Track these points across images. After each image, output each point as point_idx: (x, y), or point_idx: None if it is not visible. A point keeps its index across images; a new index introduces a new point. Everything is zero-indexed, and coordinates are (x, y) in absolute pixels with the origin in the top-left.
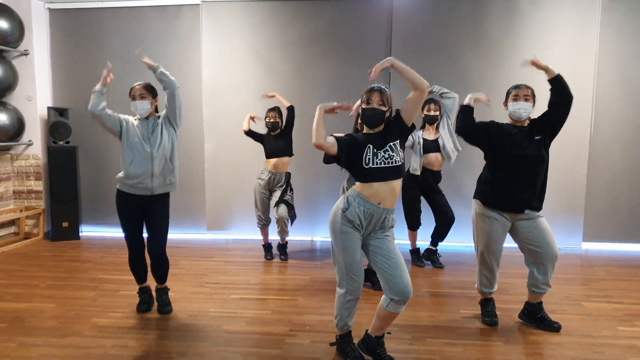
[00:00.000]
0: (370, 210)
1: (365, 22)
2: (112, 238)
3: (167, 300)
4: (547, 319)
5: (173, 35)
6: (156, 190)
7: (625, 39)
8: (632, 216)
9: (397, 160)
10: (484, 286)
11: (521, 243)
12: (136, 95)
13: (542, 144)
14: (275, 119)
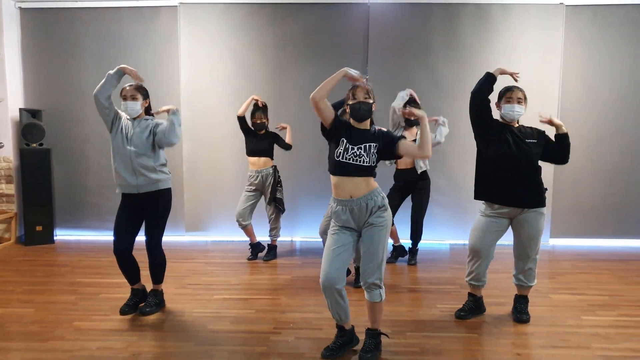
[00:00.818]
0: (347, 206)
1: (342, 27)
2: (88, 242)
3: (151, 302)
4: (519, 309)
5: (150, 36)
6: (142, 189)
7: (587, 46)
8: (595, 213)
9: (365, 162)
10: (473, 280)
11: (515, 235)
12: (127, 95)
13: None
14: (262, 120)
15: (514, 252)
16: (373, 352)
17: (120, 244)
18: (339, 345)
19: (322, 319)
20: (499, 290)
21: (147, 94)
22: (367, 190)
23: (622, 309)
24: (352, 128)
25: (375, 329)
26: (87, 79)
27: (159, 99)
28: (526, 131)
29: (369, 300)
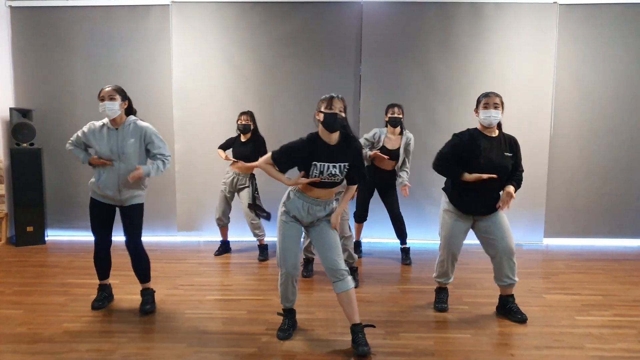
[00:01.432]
0: (309, 203)
1: (335, 26)
2: (81, 242)
3: (149, 299)
4: (514, 310)
5: (142, 35)
6: (126, 202)
7: (581, 45)
8: (590, 213)
9: (339, 179)
10: (440, 277)
11: (480, 237)
12: (105, 96)
13: (509, 159)
14: (247, 122)
15: (494, 255)
16: (368, 344)
17: (102, 243)
18: (290, 325)
19: (314, 320)
20: (492, 290)
21: (125, 96)
22: (330, 196)
23: (616, 309)
24: (324, 145)
25: (359, 322)
26: (78, 78)
27: (150, 99)
28: (506, 141)
29: (344, 289)
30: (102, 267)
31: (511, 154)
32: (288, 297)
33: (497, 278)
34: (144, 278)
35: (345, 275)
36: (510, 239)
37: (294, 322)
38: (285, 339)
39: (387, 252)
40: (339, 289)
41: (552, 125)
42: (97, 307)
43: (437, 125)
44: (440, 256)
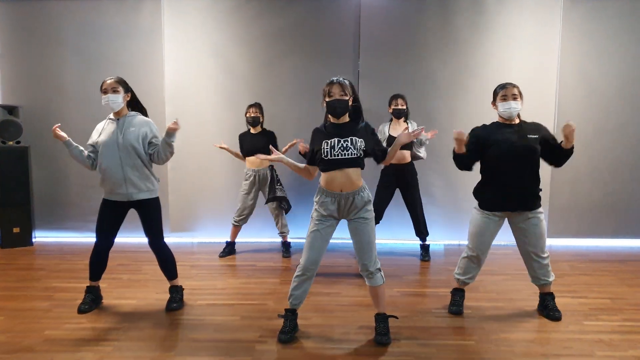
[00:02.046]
0: (336, 198)
1: (332, 21)
2: (70, 243)
3: (177, 298)
4: (549, 307)
5: (133, 30)
6: (134, 196)
7: (586, 39)
8: (594, 212)
9: (353, 154)
10: (462, 274)
11: (514, 234)
12: (108, 89)
13: (535, 141)
14: (256, 114)
15: (525, 253)
16: (387, 334)
17: (103, 241)
18: (292, 327)
19: (311, 326)
20: (496, 293)
21: (128, 87)
22: (356, 186)
23: (626, 313)
24: (333, 125)
25: (384, 312)
26: (67, 74)
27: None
28: (527, 126)
29: (372, 285)
30: (98, 267)
31: (536, 135)
32: (298, 294)
33: (531, 277)
34: (170, 275)
35: (375, 274)
36: (539, 243)
37: (295, 324)
38: (287, 341)
39: (394, 253)
40: (370, 283)
41: (555, 122)
42: (84, 310)
43: (437, 123)
44: (465, 253)
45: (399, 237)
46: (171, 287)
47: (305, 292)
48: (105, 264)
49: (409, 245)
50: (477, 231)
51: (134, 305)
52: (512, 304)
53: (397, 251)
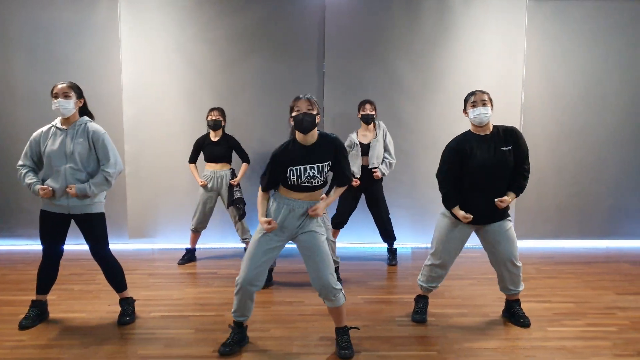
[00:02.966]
0: (289, 206)
1: (296, 21)
2: (21, 252)
3: (129, 310)
4: (517, 314)
5: (87, 28)
6: (73, 210)
7: (551, 41)
8: (559, 214)
9: (320, 182)
10: (426, 281)
11: (483, 244)
12: (59, 93)
13: (509, 154)
14: (218, 117)
15: (496, 265)
16: (350, 348)
17: (51, 253)
18: (236, 341)
19: (268, 338)
20: (461, 299)
21: (81, 93)
22: (315, 199)
23: (589, 317)
24: (300, 147)
25: (345, 326)
26: (17, 73)
27: (98, 96)
28: (501, 135)
29: (334, 306)
30: (46, 280)
31: (509, 147)
32: (241, 310)
33: (500, 286)
34: (119, 287)
35: (336, 294)
36: (511, 248)
37: (242, 337)
38: (226, 354)
39: (360, 257)
40: (332, 305)
41: (521, 124)
42: (26, 326)
43: (404, 124)
44: (429, 260)
45: (365, 241)
46: (121, 300)
47: (248, 308)
48: (55, 276)
49: (377, 249)
50: (443, 238)
51: (83, 319)
52: (477, 310)
53: (363, 255)
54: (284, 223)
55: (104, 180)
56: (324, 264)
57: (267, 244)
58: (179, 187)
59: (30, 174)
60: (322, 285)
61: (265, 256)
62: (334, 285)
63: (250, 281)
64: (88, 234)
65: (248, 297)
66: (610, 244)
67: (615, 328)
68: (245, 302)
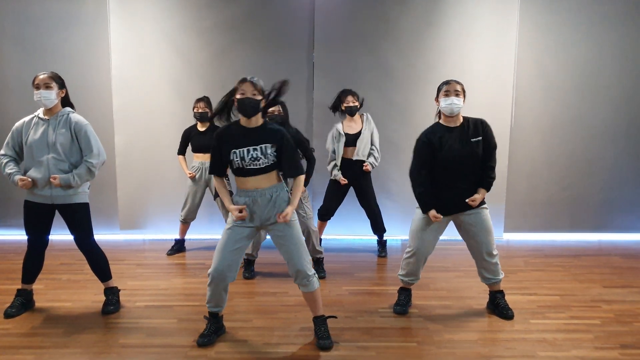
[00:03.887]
0: (252, 196)
1: (286, 11)
2: (12, 241)
3: (113, 300)
4: (501, 306)
5: (76, 18)
6: (56, 200)
7: (543, 32)
8: (550, 206)
9: (264, 163)
10: (406, 275)
11: (460, 233)
12: (40, 84)
13: (478, 145)
14: (204, 109)
15: (473, 254)
16: (329, 337)
17: (37, 243)
18: (212, 331)
19: (250, 328)
20: (446, 291)
21: (63, 84)
22: (273, 183)
23: (573, 310)
24: (243, 129)
25: (322, 315)
26: (6, 63)
27: (87, 86)
28: (470, 128)
29: (309, 291)
30: (31, 269)
31: (479, 138)
32: (215, 301)
33: (480, 276)
34: (103, 277)
35: (311, 279)
36: (487, 238)
37: (218, 327)
38: (204, 345)
39: (350, 249)
40: (306, 290)
41: (512, 115)
42: (11, 314)
43: (394, 115)
44: (406, 253)
45: (356, 233)
46: (106, 289)
47: (222, 299)
48: (41, 265)
49: (367, 241)
50: (418, 229)
51: (68, 308)
52: (461, 302)
53: (354, 247)
54: (251, 213)
55: (87, 171)
56: (297, 251)
57: (238, 234)
58: (169, 177)
59: (11, 164)
60: (297, 270)
61: (236, 245)
62: (308, 271)
63: (222, 272)
64: (72, 224)
65: (222, 288)
66: (602, 237)
67: (598, 321)
68: (220, 293)
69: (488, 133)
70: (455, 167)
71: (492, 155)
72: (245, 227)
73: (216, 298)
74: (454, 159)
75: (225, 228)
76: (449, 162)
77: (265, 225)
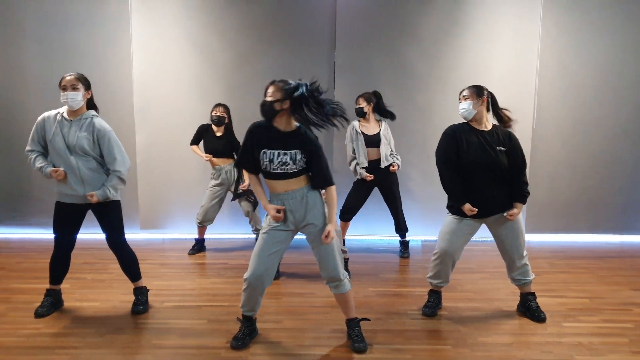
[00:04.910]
0: (284, 200)
1: (308, 11)
2: (33, 240)
3: (142, 300)
4: (533, 308)
5: (98, 17)
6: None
7: (565, 33)
8: (571, 207)
9: (292, 169)
10: (434, 278)
11: (492, 235)
12: (67, 86)
13: (502, 154)
14: (222, 114)
15: (503, 255)
16: (363, 340)
17: (64, 243)
18: (246, 334)
19: (281, 330)
20: (473, 292)
21: (89, 85)
22: (302, 185)
23: (605, 313)
24: (277, 131)
25: (355, 317)
26: (29, 62)
27: (108, 86)
28: (495, 137)
29: (340, 293)
30: (59, 270)
31: (505, 148)
32: (250, 305)
33: (509, 277)
34: (133, 277)
35: (343, 281)
36: (518, 241)
37: (252, 330)
38: (238, 348)
39: (371, 250)
40: (337, 292)
41: (534, 116)
42: (42, 314)
43: (415, 115)
44: (435, 255)
45: (376, 233)
46: (135, 289)
47: (257, 303)
48: (67, 266)
49: (387, 242)
50: (447, 231)
51: (96, 307)
52: (490, 304)
53: (374, 248)
54: (286, 217)
55: (118, 180)
56: (330, 254)
57: (274, 238)
58: (190, 176)
59: (40, 158)
60: (329, 273)
61: (273, 249)
62: (340, 275)
63: (259, 277)
64: (105, 221)
65: (258, 293)
66: (624, 238)
67: (631, 324)
68: (256, 298)
69: (515, 146)
70: (481, 171)
71: (523, 171)
72: (281, 231)
73: (252, 303)
74: (479, 161)
75: (262, 232)
76: (474, 165)
77: (300, 227)
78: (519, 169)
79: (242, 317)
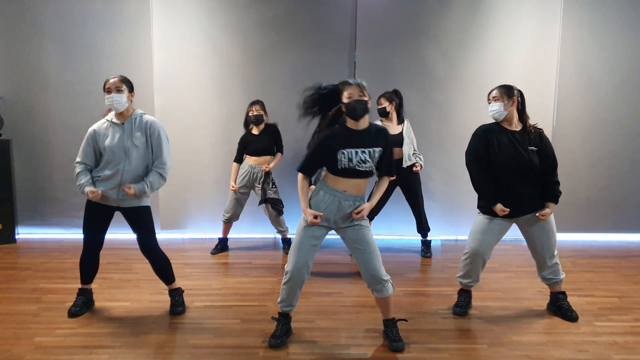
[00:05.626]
0: (338, 197)
1: (328, 10)
2: (55, 240)
3: (180, 301)
4: (564, 307)
5: (119, 17)
6: (123, 203)
7: (586, 32)
8: (591, 206)
9: (369, 167)
10: (464, 277)
11: (525, 237)
12: (112, 88)
13: (534, 153)
14: (259, 112)
15: (534, 254)
16: (401, 340)
17: (93, 243)
18: (283, 332)
19: (315, 329)
20: (501, 292)
21: (132, 87)
22: (360, 193)
23: (636, 312)
24: (350, 131)
25: (393, 317)
26: (49, 63)
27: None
28: (527, 137)
29: (383, 297)
30: (88, 270)
31: (537, 148)
32: (289, 300)
33: (540, 276)
34: (167, 280)
35: (384, 284)
36: (549, 240)
37: (288, 328)
38: (277, 346)
39: (392, 249)
40: (380, 295)
41: (554, 116)
42: (75, 313)
43: (435, 114)
44: (465, 254)
45: (396, 233)
46: (171, 291)
47: (296, 297)
48: (97, 266)
49: (407, 241)
50: (478, 230)
51: (127, 307)
52: (519, 303)
53: (395, 247)
54: (329, 215)
55: (159, 177)
56: (372, 256)
57: (313, 232)
58: (210, 176)
59: (83, 175)
60: (371, 276)
61: (312, 242)
62: (383, 277)
63: (300, 269)
64: (137, 226)
65: (298, 286)
66: None
67: None
68: (295, 291)
69: (547, 146)
70: (512, 172)
71: (554, 171)
72: (322, 227)
73: (291, 297)
74: (511, 161)
75: (302, 226)
76: (506, 165)
77: (339, 228)
78: (551, 168)
79: (279, 315)
